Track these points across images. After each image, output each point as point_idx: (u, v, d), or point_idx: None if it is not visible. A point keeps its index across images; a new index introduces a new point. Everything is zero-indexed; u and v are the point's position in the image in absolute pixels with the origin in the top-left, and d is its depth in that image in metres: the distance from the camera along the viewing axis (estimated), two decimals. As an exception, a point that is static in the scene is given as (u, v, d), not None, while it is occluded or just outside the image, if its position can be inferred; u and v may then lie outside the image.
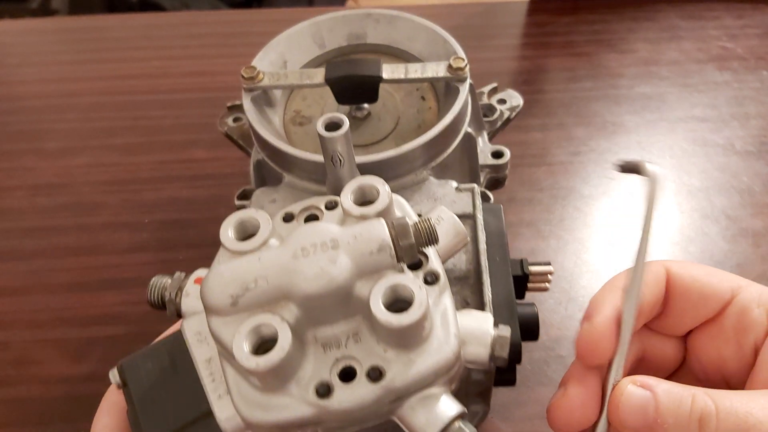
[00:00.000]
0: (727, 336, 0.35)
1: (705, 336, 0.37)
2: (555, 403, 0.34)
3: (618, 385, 0.32)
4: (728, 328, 0.35)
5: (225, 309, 0.30)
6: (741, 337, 0.35)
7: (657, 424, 0.30)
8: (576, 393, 0.33)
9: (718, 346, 0.36)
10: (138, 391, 0.35)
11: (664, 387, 0.31)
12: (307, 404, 0.30)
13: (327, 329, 0.32)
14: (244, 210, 0.34)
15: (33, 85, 0.89)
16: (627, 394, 0.31)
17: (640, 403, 0.30)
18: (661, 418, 0.30)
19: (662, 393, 0.30)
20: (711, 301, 0.36)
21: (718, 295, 0.35)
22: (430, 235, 0.32)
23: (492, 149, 0.56)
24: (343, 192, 0.34)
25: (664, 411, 0.30)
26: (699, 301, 0.36)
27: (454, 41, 0.52)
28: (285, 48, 0.54)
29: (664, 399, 0.30)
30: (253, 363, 0.28)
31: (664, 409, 0.30)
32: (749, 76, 0.84)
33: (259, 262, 0.31)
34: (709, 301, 0.36)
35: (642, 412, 0.30)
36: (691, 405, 0.30)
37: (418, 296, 0.30)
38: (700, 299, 0.36)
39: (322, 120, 0.37)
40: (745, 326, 0.34)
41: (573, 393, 0.34)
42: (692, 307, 0.36)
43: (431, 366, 0.31)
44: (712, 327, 0.36)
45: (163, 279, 0.39)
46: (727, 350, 0.35)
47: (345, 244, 0.31)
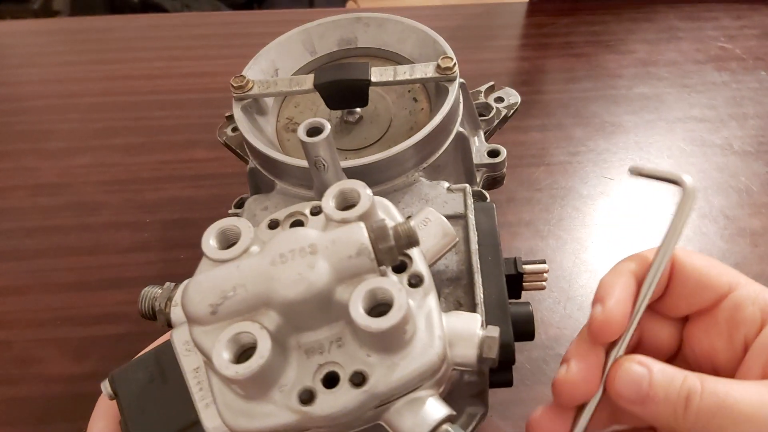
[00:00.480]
0: (720, 329, 0.36)
1: (699, 327, 0.38)
2: (559, 379, 0.36)
3: (619, 360, 0.35)
4: (721, 321, 0.36)
5: (205, 318, 0.30)
6: (733, 332, 0.36)
7: (648, 398, 0.33)
8: (579, 369, 0.36)
9: (711, 338, 0.37)
10: (128, 402, 0.35)
11: (659, 366, 0.33)
12: (290, 411, 0.30)
13: (310, 335, 0.32)
14: (226, 218, 0.34)
15: (35, 85, 0.90)
16: (625, 368, 0.34)
17: (636, 377, 0.33)
18: (653, 391, 0.32)
19: (657, 371, 0.33)
20: (707, 292, 0.36)
21: (715, 286, 0.36)
22: (411, 237, 0.32)
23: (488, 148, 0.56)
24: (324, 197, 0.34)
25: (656, 386, 0.33)
26: (696, 289, 0.37)
27: (443, 41, 0.52)
28: (276, 56, 0.54)
29: (658, 376, 0.33)
30: (232, 371, 0.28)
31: (657, 384, 0.33)
32: (747, 76, 0.84)
33: (238, 270, 0.31)
34: (706, 291, 0.36)
35: (637, 385, 0.33)
36: (681, 383, 0.32)
37: (398, 299, 0.29)
38: (697, 287, 0.37)
39: (303, 126, 0.37)
40: (737, 321, 0.35)
41: (576, 369, 0.36)
42: (689, 294, 0.37)
43: (415, 369, 0.31)
44: (707, 318, 0.37)
45: (153, 290, 0.39)
46: (719, 342, 0.36)
47: (323, 248, 0.31)
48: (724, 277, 0.36)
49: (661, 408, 0.33)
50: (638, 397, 0.33)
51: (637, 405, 0.34)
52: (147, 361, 0.37)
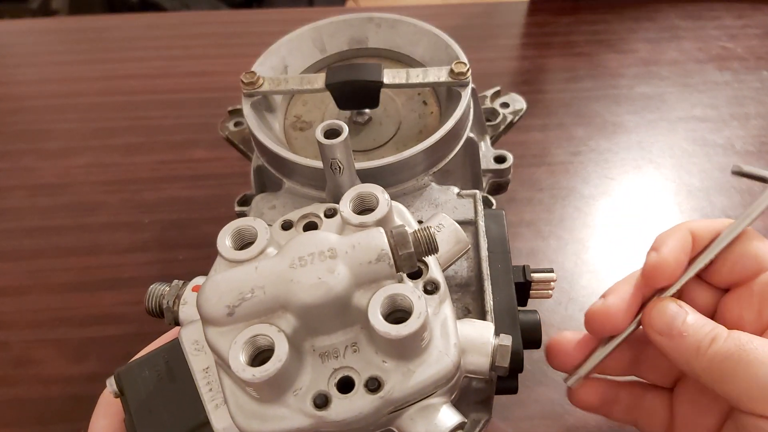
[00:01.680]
0: (752, 301, 0.38)
1: (734, 297, 0.40)
2: (594, 309, 0.41)
3: (659, 298, 0.39)
4: (755, 294, 0.38)
5: (221, 319, 0.30)
6: (763, 306, 0.38)
7: (679, 333, 0.37)
8: (615, 302, 0.40)
9: (742, 309, 0.39)
10: (135, 400, 0.35)
11: (694, 313, 0.38)
12: (304, 415, 0.30)
13: (325, 339, 0.31)
14: (241, 218, 0.34)
15: (33, 85, 0.89)
16: (665, 304, 0.38)
17: (672, 313, 0.38)
18: (684, 327, 0.37)
19: (692, 314, 0.37)
20: (750, 261, 0.39)
21: (757, 258, 0.39)
22: (430, 244, 0.32)
23: (494, 154, 0.55)
24: (342, 200, 0.34)
25: (688, 325, 0.37)
26: (740, 260, 0.39)
27: (456, 46, 0.52)
28: (286, 52, 0.54)
29: (692, 318, 0.37)
30: (249, 374, 0.28)
31: (689, 324, 0.37)
32: (749, 76, 0.84)
33: (256, 272, 0.31)
34: (748, 261, 0.39)
35: (671, 320, 0.37)
36: (711, 328, 0.36)
37: (417, 306, 0.29)
38: (740, 255, 0.39)
39: (321, 127, 0.37)
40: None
41: (612, 301, 0.40)
42: (733, 262, 0.39)
43: (431, 377, 0.31)
44: (742, 290, 0.39)
45: (161, 287, 0.39)
46: (749, 314, 0.38)
47: (343, 253, 0.31)
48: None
49: (686, 343, 0.36)
50: (668, 330, 0.37)
51: (664, 336, 0.37)
52: (154, 359, 0.36)
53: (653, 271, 0.39)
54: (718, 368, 0.35)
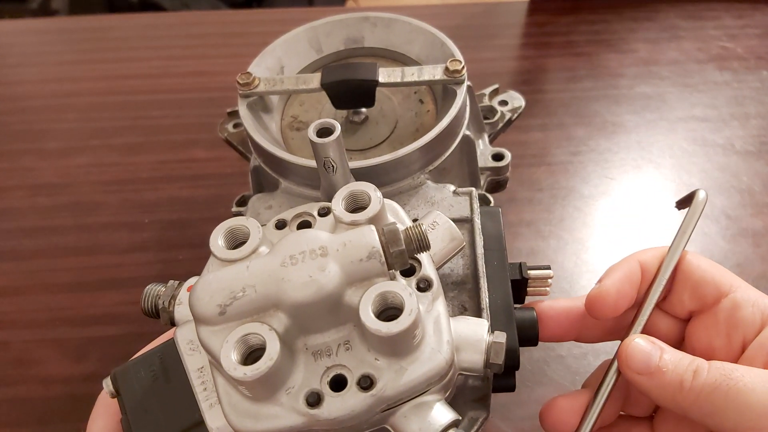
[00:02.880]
0: (719, 328, 0.38)
1: (700, 325, 0.39)
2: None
3: (632, 336, 0.38)
4: (721, 320, 0.38)
5: (213, 318, 0.30)
6: (731, 331, 0.37)
7: (658, 370, 0.35)
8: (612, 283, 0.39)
9: (710, 336, 0.38)
10: (131, 400, 0.35)
11: (670, 348, 0.36)
12: (297, 413, 0.30)
13: (317, 337, 0.31)
14: (234, 218, 0.34)
15: (33, 85, 0.89)
16: (638, 342, 0.36)
17: (647, 350, 0.36)
18: (663, 363, 0.35)
19: (668, 350, 0.36)
20: (710, 289, 0.38)
21: (717, 285, 0.38)
22: (422, 242, 0.32)
23: (492, 151, 0.55)
24: (334, 198, 0.34)
25: (666, 361, 0.35)
26: (698, 285, 0.39)
27: (451, 44, 0.52)
28: (282, 53, 0.54)
29: (668, 353, 0.36)
30: (240, 373, 0.28)
31: (666, 359, 0.35)
32: (749, 75, 0.84)
33: (247, 271, 0.31)
34: (708, 288, 0.38)
35: (647, 358, 0.36)
36: (690, 361, 0.35)
37: (408, 303, 0.29)
38: (699, 283, 0.39)
39: (314, 126, 0.37)
40: (736, 321, 0.37)
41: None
42: (692, 289, 0.39)
43: (423, 374, 0.31)
44: (708, 317, 0.39)
45: (156, 287, 0.39)
46: (717, 341, 0.38)
47: (334, 251, 0.31)
48: (726, 278, 0.38)
49: (667, 379, 0.35)
50: (647, 368, 0.36)
51: (644, 376, 0.36)
52: (149, 359, 0.36)
53: (593, 302, 0.39)
54: (706, 401, 0.34)
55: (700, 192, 0.43)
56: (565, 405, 0.41)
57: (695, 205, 0.42)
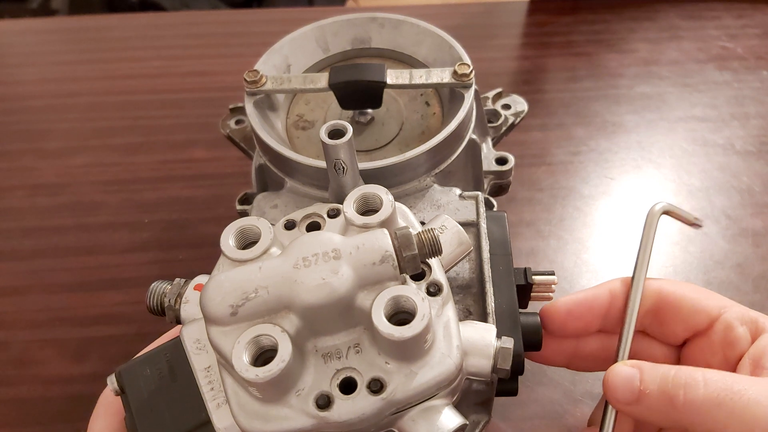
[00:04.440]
0: (715, 349, 0.38)
1: (696, 348, 0.40)
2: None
3: (612, 366, 0.36)
4: (715, 342, 0.38)
5: (224, 319, 0.30)
6: (727, 351, 0.38)
7: (643, 394, 0.34)
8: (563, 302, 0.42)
9: (707, 358, 0.39)
10: (136, 399, 0.35)
11: (650, 364, 0.35)
12: (306, 416, 0.30)
13: (328, 340, 0.31)
14: (245, 218, 0.34)
15: (33, 84, 0.89)
16: (616, 369, 0.35)
17: (627, 376, 0.35)
18: (644, 386, 0.34)
19: (647, 366, 0.35)
20: (700, 316, 0.39)
21: (706, 311, 0.39)
22: (434, 246, 0.32)
23: (496, 155, 0.55)
24: (346, 201, 0.34)
25: (648, 381, 0.34)
26: (689, 315, 0.39)
27: (459, 47, 0.52)
28: (289, 51, 0.54)
29: (648, 370, 0.34)
30: (252, 374, 0.28)
31: (648, 379, 0.34)
32: (749, 75, 0.84)
33: (260, 272, 0.31)
34: (699, 316, 0.39)
35: (629, 383, 0.34)
36: (674, 375, 0.33)
37: (421, 308, 0.29)
38: (690, 313, 0.39)
39: (326, 127, 0.37)
40: (730, 341, 0.37)
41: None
42: (683, 320, 0.39)
43: (433, 379, 0.31)
44: (702, 340, 0.39)
45: (162, 285, 0.38)
46: (714, 361, 0.38)
47: (347, 254, 0.31)
48: (713, 301, 0.39)
49: (654, 402, 0.34)
50: (632, 396, 0.34)
51: (633, 405, 0.35)
52: (155, 357, 0.36)
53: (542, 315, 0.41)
54: (708, 416, 0.32)
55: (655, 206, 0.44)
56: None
57: (648, 221, 0.43)
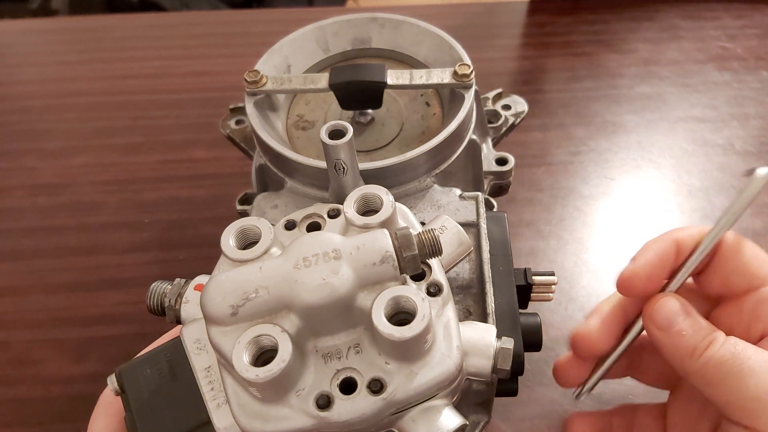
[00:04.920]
0: (741, 317, 0.38)
1: (725, 311, 0.39)
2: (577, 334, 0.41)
3: (662, 294, 0.39)
4: (744, 311, 0.38)
5: (225, 319, 0.30)
6: (752, 323, 0.38)
7: (678, 330, 0.37)
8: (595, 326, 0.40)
9: (732, 324, 0.38)
10: (136, 399, 0.35)
11: (696, 314, 0.37)
12: (306, 416, 0.30)
13: (328, 340, 0.31)
14: (245, 218, 0.34)
15: (33, 85, 0.89)
16: (669, 299, 0.38)
17: (675, 310, 0.37)
18: (685, 325, 0.37)
19: (695, 315, 0.37)
20: (740, 281, 0.38)
21: (749, 278, 0.38)
22: (434, 247, 0.32)
23: (496, 156, 0.55)
24: (346, 201, 0.34)
25: (689, 325, 0.36)
26: (729, 276, 0.39)
27: (459, 47, 0.52)
28: (289, 51, 0.54)
29: (693, 317, 0.37)
30: (252, 374, 0.28)
31: (689, 324, 0.37)
32: (749, 76, 0.84)
33: (260, 272, 0.31)
34: (738, 280, 0.38)
35: (672, 315, 0.37)
36: (709, 332, 0.36)
37: (421, 309, 0.29)
38: (731, 274, 0.38)
39: (326, 128, 0.37)
40: (758, 315, 0.37)
41: (592, 325, 0.41)
42: (723, 278, 0.39)
43: (433, 379, 0.31)
44: (734, 305, 0.39)
45: (162, 285, 0.38)
46: (738, 330, 0.38)
47: (347, 254, 0.31)
48: (763, 271, 0.38)
49: (683, 342, 0.36)
50: (668, 325, 0.37)
51: (663, 332, 0.37)
52: (156, 357, 0.36)
53: (623, 284, 0.40)
54: (710, 372, 0.35)
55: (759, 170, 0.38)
56: None
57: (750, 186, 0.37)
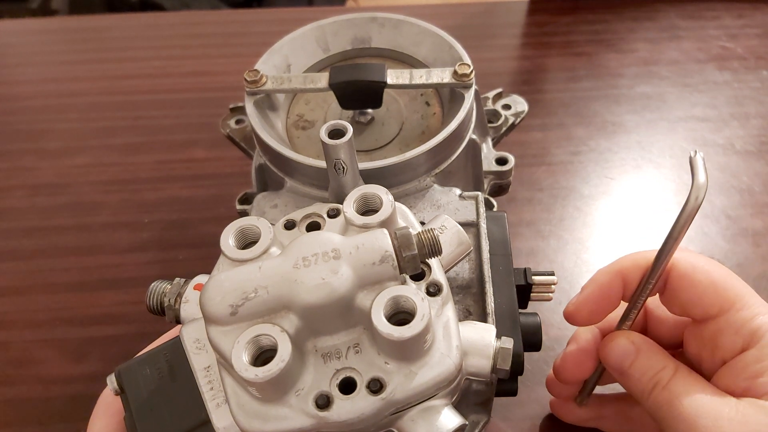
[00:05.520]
0: (704, 342, 0.38)
1: (691, 331, 0.40)
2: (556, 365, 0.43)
3: (616, 332, 0.40)
4: (705, 338, 0.38)
5: (224, 318, 0.30)
6: (714, 350, 0.38)
7: (627, 374, 0.38)
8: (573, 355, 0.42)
9: (698, 347, 0.39)
10: (136, 398, 0.35)
11: (646, 349, 0.39)
12: (306, 415, 0.30)
13: (327, 340, 0.31)
14: (245, 218, 0.34)
15: (33, 84, 0.89)
16: (617, 341, 0.39)
17: (623, 351, 0.39)
18: (632, 370, 0.38)
19: (643, 353, 0.39)
20: (697, 310, 0.38)
21: (706, 305, 0.38)
22: (434, 246, 0.32)
23: (496, 156, 0.55)
24: (346, 201, 0.34)
25: (635, 367, 0.38)
26: (687, 305, 0.39)
27: (459, 47, 0.52)
28: (289, 51, 0.54)
29: (641, 359, 0.38)
30: (252, 374, 0.28)
31: (636, 366, 0.38)
32: (749, 75, 0.84)
33: (260, 272, 0.31)
34: (696, 309, 0.38)
35: (622, 358, 0.39)
36: (656, 372, 0.37)
37: (421, 308, 0.29)
38: (688, 304, 0.39)
39: (326, 127, 0.37)
40: (717, 344, 0.37)
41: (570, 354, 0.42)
42: (681, 305, 0.39)
43: (432, 379, 0.31)
44: (697, 329, 0.39)
45: (162, 284, 0.38)
46: (703, 352, 0.39)
47: (347, 254, 0.31)
48: (719, 300, 0.37)
49: (634, 385, 0.38)
50: (620, 369, 0.39)
51: (617, 374, 0.40)
52: (155, 357, 0.36)
53: (568, 318, 0.41)
54: (656, 413, 0.37)
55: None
56: None
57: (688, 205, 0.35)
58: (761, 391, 0.35)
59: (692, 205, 0.35)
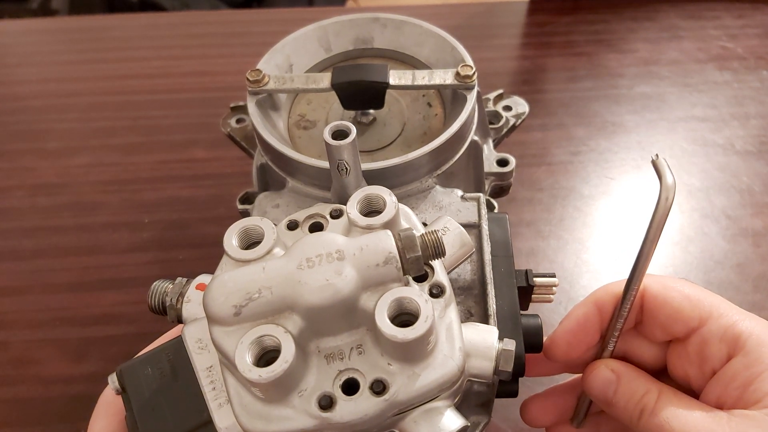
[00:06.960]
0: (691, 359, 0.38)
1: (675, 352, 0.40)
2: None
3: (596, 362, 0.40)
4: (691, 353, 0.38)
5: (228, 319, 0.30)
6: (702, 363, 0.38)
7: (612, 403, 0.38)
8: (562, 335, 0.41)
9: (684, 364, 0.39)
10: (137, 398, 0.35)
11: (628, 377, 0.38)
12: (309, 416, 0.30)
13: (330, 341, 0.31)
14: (248, 218, 0.34)
15: (33, 85, 0.89)
16: (598, 371, 0.39)
17: (605, 381, 0.39)
18: (615, 399, 0.38)
19: (624, 382, 0.38)
20: (678, 325, 0.38)
21: (685, 320, 0.38)
22: (437, 248, 0.32)
23: (497, 157, 0.55)
24: (350, 202, 0.34)
25: (619, 395, 0.38)
26: (667, 322, 0.39)
27: (462, 48, 0.52)
28: (291, 51, 0.54)
29: (623, 387, 0.38)
30: (255, 375, 0.28)
31: (620, 394, 0.38)
32: (749, 75, 0.84)
33: (264, 272, 0.31)
34: (677, 325, 0.38)
35: (605, 389, 0.39)
36: (640, 398, 0.37)
37: (424, 310, 0.29)
38: (668, 320, 0.38)
39: (329, 128, 0.36)
40: (704, 356, 0.37)
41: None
42: (661, 325, 0.39)
43: (435, 380, 0.31)
44: (680, 346, 0.39)
45: (164, 284, 0.38)
46: (690, 370, 0.38)
47: (351, 255, 0.31)
48: (696, 311, 0.38)
49: (621, 413, 0.38)
50: (605, 399, 0.39)
51: (603, 405, 0.39)
52: (157, 356, 0.36)
53: (547, 353, 0.41)
54: None
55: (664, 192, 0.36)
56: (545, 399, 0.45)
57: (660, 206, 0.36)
58: (753, 400, 0.35)
59: (663, 207, 0.35)
